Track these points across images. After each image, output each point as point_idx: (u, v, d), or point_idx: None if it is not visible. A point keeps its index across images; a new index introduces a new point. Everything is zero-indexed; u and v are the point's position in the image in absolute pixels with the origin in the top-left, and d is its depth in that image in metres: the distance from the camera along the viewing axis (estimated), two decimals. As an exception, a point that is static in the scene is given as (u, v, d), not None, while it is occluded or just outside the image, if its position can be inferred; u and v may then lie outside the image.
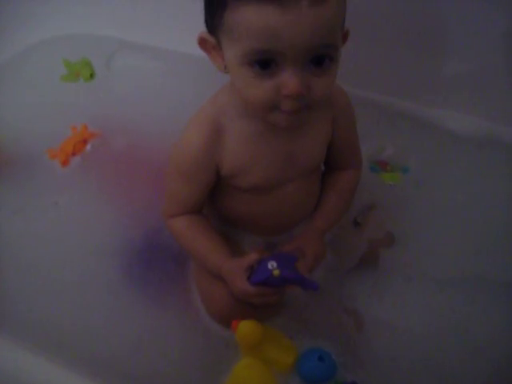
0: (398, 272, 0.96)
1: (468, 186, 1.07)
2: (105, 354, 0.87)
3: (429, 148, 1.13)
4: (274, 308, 0.89)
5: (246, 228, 0.96)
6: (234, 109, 0.82)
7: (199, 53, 0.79)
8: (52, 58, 1.30)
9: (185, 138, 0.85)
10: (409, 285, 0.95)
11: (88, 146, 1.14)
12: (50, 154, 1.12)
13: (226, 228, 0.96)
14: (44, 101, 1.24)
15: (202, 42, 0.77)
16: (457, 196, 1.05)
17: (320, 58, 0.70)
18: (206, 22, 0.76)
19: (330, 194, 0.95)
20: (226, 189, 0.89)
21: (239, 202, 0.90)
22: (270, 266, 0.79)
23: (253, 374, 0.81)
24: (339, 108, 0.88)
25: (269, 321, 0.88)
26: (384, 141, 1.13)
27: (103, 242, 1.02)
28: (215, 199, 0.93)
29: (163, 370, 0.87)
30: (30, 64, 1.31)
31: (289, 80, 0.69)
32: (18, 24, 1.31)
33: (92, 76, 1.28)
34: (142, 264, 0.99)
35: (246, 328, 0.82)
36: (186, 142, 0.84)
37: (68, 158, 1.11)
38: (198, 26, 0.77)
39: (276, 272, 0.78)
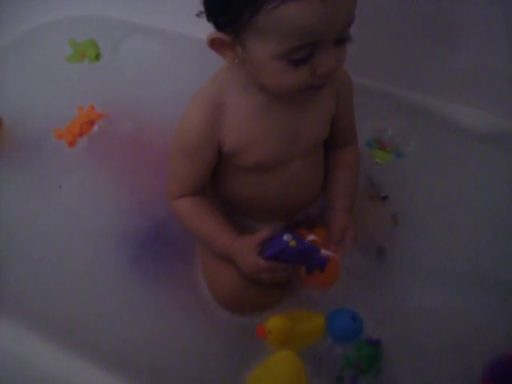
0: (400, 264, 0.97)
1: (468, 180, 1.06)
2: (114, 343, 0.87)
3: (433, 139, 1.12)
4: (280, 291, 0.90)
5: (252, 214, 0.95)
6: (234, 86, 0.82)
7: (208, 37, 0.79)
8: (59, 38, 1.29)
9: (186, 115, 0.86)
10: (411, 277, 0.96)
11: (95, 127, 1.13)
12: (56, 134, 1.11)
13: (232, 217, 0.95)
14: (49, 81, 1.24)
15: (213, 43, 0.76)
16: (454, 189, 1.05)
17: (346, 34, 0.73)
18: (217, 20, 0.74)
19: (341, 171, 0.96)
20: (229, 170, 0.89)
21: (244, 184, 0.90)
22: (285, 238, 0.80)
23: (286, 369, 0.80)
24: (342, 85, 0.90)
25: (279, 307, 0.89)
26: (387, 124, 1.13)
27: (109, 227, 1.02)
28: (219, 184, 0.93)
29: (173, 360, 0.87)
30: (37, 44, 1.31)
31: (326, 60, 0.72)
32: (27, 4, 1.30)
33: (98, 57, 1.28)
34: (149, 251, 0.99)
35: (277, 323, 0.82)
36: (187, 119, 0.85)
37: (75, 139, 1.11)
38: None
39: (293, 243, 0.79)
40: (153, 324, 0.91)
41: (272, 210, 0.94)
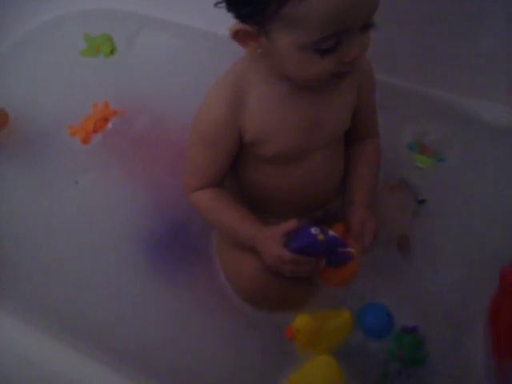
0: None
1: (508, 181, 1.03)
2: (131, 344, 0.86)
3: (476, 144, 1.09)
4: (303, 288, 0.87)
5: (271, 208, 0.93)
6: (254, 75, 0.81)
7: (224, 32, 0.76)
8: (73, 32, 1.27)
9: (206, 104, 0.84)
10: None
11: (109, 124, 1.11)
12: (70, 130, 1.09)
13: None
14: (62, 76, 1.22)
15: (236, 34, 0.75)
16: (491, 189, 1.02)
17: (371, 21, 0.72)
18: (240, 11, 0.72)
19: (362, 165, 0.94)
20: (249, 161, 0.88)
21: (263, 175, 0.88)
22: (313, 231, 0.78)
23: (324, 375, 0.78)
24: (364, 75, 0.88)
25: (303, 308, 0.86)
26: (429, 128, 1.11)
27: (124, 224, 1.00)
28: (238, 176, 0.91)
29: (194, 362, 0.85)
30: (50, 38, 1.29)
31: (352, 48, 0.71)
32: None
33: (112, 52, 1.26)
34: (167, 250, 0.97)
35: (304, 321, 0.81)
36: (207, 108, 0.83)
37: (89, 136, 1.09)
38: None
39: (321, 236, 0.77)
40: (172, 325, 0.89)
41: (291, 203, 0.92)
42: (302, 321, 0.81)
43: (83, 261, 0.96)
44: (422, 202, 1.01)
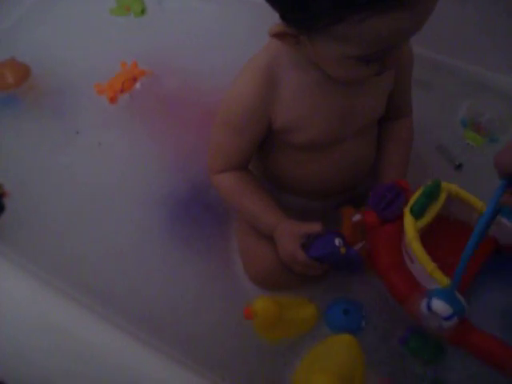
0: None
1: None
2: (141, 309, 0.85)
3: None
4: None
5: (299, 191, 0.92)
6: (288, 58, 0.77)
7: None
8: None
9: (236, 87, 0.80)
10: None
11: (137, 84, 1.10)
12: (97, 88, 1.08)
13: (278, 193, 0.92)
14: (92, 33, 1.20)
15: (275, 34, 0.71)
16: None
17: None
18: (287, 15, 0.68)
19: (392, 144, 0.91)
20: (278, 147, 0.86)
21: (293, 161, 0.86)
22: (337, 243, 0.76)
23: (346, 352, 0.77)
24: (403, 56, 0.83)
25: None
26: (486, 108, 1.09)
27: (146, 188, 0.99)
28: (265, 160, 0.89)
29: (204, 332, 0.84)
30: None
31: (397, 54, 0.70)
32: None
33: (143, 11, 1.23)
34: (185, 215, 0.96)
35: (263, 305, 0.80)
36: (237, 91, 0.80)
37: (116, 95, 1.07)
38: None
39: (343, 250, 0.76)
40: (182, 293, 0.88)
41: (321, 188, 0.90)
42: (261, 304, 0.80)
43: (102, 220, 0.95)
44: (459, 166, 1.01)
